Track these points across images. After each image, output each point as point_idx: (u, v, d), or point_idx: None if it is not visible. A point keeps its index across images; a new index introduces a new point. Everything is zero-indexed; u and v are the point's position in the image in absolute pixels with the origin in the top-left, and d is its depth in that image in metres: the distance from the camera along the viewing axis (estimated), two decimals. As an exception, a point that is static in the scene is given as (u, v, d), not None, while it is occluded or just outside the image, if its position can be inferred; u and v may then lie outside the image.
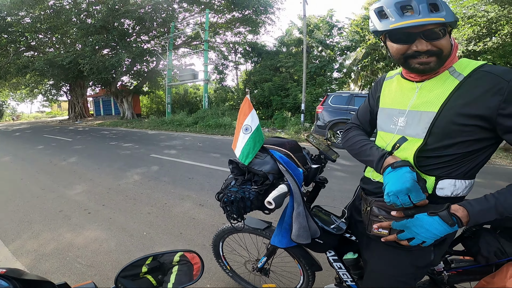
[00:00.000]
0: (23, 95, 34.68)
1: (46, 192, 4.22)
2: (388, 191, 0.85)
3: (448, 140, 0.84)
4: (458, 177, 0.86)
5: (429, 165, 0.88)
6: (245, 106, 1.26)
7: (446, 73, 0.86)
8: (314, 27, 18.44)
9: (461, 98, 0.81)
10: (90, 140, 10.54)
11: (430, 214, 0.80)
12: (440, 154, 0.86)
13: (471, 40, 10.14)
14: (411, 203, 0.83)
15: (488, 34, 10.03)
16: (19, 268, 2.25)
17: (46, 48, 21.29)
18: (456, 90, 0.82)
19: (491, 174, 4.98)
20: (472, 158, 0.85)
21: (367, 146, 1.04)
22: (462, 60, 0.87)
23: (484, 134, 0.81)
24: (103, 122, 20.49)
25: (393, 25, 0.79)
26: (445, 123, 0.83)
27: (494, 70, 0.79)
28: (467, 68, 0.83)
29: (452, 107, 0.82)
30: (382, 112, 1.04)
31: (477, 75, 0.80)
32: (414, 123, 0.89)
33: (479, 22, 9.76)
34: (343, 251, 1.29)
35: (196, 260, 0.90)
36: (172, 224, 3.02)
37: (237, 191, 1.13)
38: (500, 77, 0.76)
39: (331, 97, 8.43)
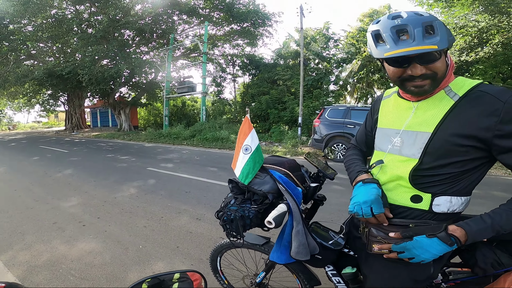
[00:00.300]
0: (21, 105, 34.57)
1: (40, 203, 4.16)
2: (354, 201, 0.94)
3: (443, 160, 0.85)
4: (454, 194, 0.87)
5: (425, 183, 0.89)
6: (245, 126, 1.27)
7: (442, 93, 0.87)
8: (311, 39, 18.81)
9: (456, 119, 0.83)
10: (87, 152, 10.49)
11: (429, 236, 0.81)
12: (435, 173, 0.87)
13: (463, 50, 10.28)
14: (371, 214, 0.90)
15: (480, 44, 10.19)
16: (12, 280, 2.21)
17: (46, 57, 21.44)
18: (451, 110, 0.84)
19: (487, 185, 5.01)
20: (467, 176, 0.86)
21: (352, 163, 1.15)
22: (457, 79, 0.89)
23: (479, 154, 0.83)
24: (100, 133, 20.45)
25: (388, 53, 0.80)
26: (440, 144, 0.84)
27: (490, 90, 0.80)
28: (463, 88, 0.84)
29: (448, 128, 0.83)
30: (380, 132, 1.06)
31: (473, 96, 0.82)
32: (409, 143, 0.91)
33: (470, 32, 9.92)
34: (342, 266, 1.29)
35: (196, 277, 0.89)
36: (168, 238, 2.98)
37: (236, 210, 1.14)
38: (495, 97, 0.78)
39: (328, 111, 8.51)
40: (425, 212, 0.90)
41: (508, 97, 0.76)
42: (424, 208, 0.90)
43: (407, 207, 0.93)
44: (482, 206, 3.79)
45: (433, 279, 1.13)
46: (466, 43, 10.15)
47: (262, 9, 19.42)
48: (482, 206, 3.81)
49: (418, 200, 0.91)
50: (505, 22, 9.21)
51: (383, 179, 0.99)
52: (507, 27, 9.28)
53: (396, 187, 0.95)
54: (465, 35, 10.06)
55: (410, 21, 0.78)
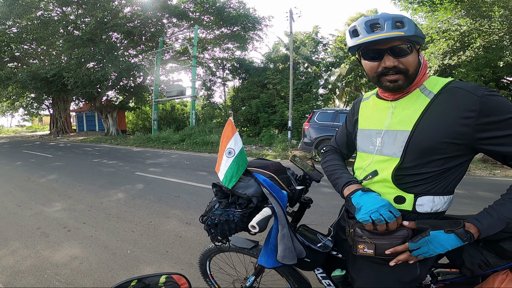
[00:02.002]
0: (4, 108, 33.51)
1: (23, 209, 4.03)
2: (367, 209, 0.87)
3: (424, 158, 0.87)
4: (436, 194, 0.89)
5: (408, 183, 0.90)
6: (228, 129, 1.26)
7: (417, 91, 0.91)
8: (300, 43, 19.02)
9: (434, 115, 0.85)
10: (72, 156, 10.24)
11: (447, 232, 0.82)
12: (417, 172, 0.88)
13: (446, 54, 10.45)
14: (394, 217, 0.86)
15: (462, 48, 10.39)
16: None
17: (31, 60, 20.89)
18: (428, 108, 0.86)
19: (472, 185, 5.15)
20: (449, 174, 0.88)
21: (335, 169, 1.14)
22: (431, 78, 0.92)
23: (460, 151, 0.85)
24: (86, 138, 20.01)
25: (360, 40, 0.86)
26: (419, 141, 0.86)
27: (465, 86, 0.83)
28: (437, 86, 0.88)
29: (426, 125, 0.86)
30: (361, 133, 1.08)
31: (448, 92, 0.85)
32: (390, 142, 0.93)
33: (453, 35, 10.12)
34: (331, 268, 1.29)
35: (182, 281, 0.88)
36: (157, 243, 2.93)
37: (221, 214, 1.13)
38: (471, 92, 0.81)
39: (317, 114, 8.61)
40: (408, 212, 0.91)
41: (483, 92, 0.80)
42: (407, 209, 0.91)
43: None
44: (468, 206, 3.91)
45: (421, 280, 1.13)
46: (449, 47, 10.34)
47: (253, 13, 19.54)
48: (467, 206, 3.92)
49: (401, 201, 0.92)
50: (486, 25, 9.46)
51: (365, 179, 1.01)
52: (488, 30, 9.53)
53: (380, 188, 0.96)
54: (448, 39, 10.26)
55: (382, 16, 0.85)
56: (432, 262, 1.03)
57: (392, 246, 0.88)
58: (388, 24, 0.83)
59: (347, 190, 0.99)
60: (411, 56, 0.86)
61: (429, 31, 10.58)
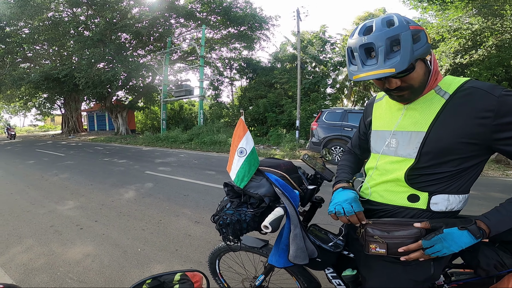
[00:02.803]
0: (17, 108, 34.32)
1: (37, 207, 4.13)
2: (335, 201, 1.00)
3: (440, 159, 0.86)
4: (451, 192, 0.87)
5: (422, 182, 0.89)
6: (240, 128, 1.26)
7: (432, 93, 0.89)
8: (308, 43, 18.92)
9: (449, 116, 0.84)
10: (83, 155, 10.43)
11: (461, 229, 0.81)
12: (432, 172, 0.87)
13: (457, 53, 10.29)
14: (352, 211, 0.94)
15: (474, 46, 10.21)
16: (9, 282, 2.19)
17: (43, 60, 21.31)
18: (444, 108, 0.85)
19: (485, 186, 5.05)
20: (465, 173, 0.87)
21: (340, 169, 1.23)
22: (446, 78, 0.90)
23: (476, 151, 0.83)
24: (97, 137, 20.34)
25: (355, 77, 0.86)
26: (435, 142, 0.85)
27: (481, 86, 0.81)
28: (452, 86, 0.86)
29: (442, 126, 0.85)
30: (374, 134, 1.07)
31: (464, 92, 0.83)
32: (404, 143, 0.92)
33: (464, 34, 9.95)
34: (342, 268, 1.29)
35: (197, 278, 0.89)
36: (167, 241, 2.97)
37: (232, 214, 1.13)
38: (488, 92, 0.79)
39: (325, 114, 8.55)
40: (422, 211, 0.91)
41: (501, 92, 0.78)
42: (421, 207, 0.90)
43: (404, 207, 0.93)
44: (480, 207, 3.84)
45: (435, 280, 1.12)
46: (461, 46, 10.18)
47: (259, 12, 19.54)
48: (480, 207, 3.85)
49: (415, 199, 0.91)
50: (499, 24, 9.28)
51: (379, 180, 1.00)
52: (501, 29, 9.35)
53: (392, 187, 0.96)
54: (459, 38, 10.09)
55: (375, 38, 0.79)
56: (446, 262, 1.02)
57: (404, 245, 0.87)
58: (381, 53, 0.78)
59: (335, 188, 1.09)
60: (415, 72, 0.83)
61: (439, 30, 10.39)
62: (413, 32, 0.79)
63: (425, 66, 0.85)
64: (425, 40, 0.81)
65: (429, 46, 0.82)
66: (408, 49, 0.77)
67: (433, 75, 0.87)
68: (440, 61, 10.56)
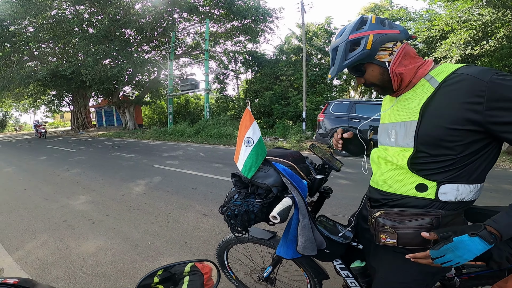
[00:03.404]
0: (26, 106, 34.90)
1: (50, 202, 4.23)
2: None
3: (437, 146, 0.85)
4: (461, 182, 0.86)
5: (427, 170, 0.89)
6: (246, 118, 1.25)
7: (423, 81, 0.89)
8: (313, 34, 18.64)
9: (439, 103, 0.83)
10: (93, 151, 10.59)
11: (471, 235, 0.76)
12: (435, 160, 0.87)
13: (468, 44, 10.17)
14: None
15: (485, 38, 10.08)
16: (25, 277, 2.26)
17: (49, 58, 21.52)
18: (433, 96, 0.85)
19: (496, 178, 4.97)
20: (472, 161, 0.84)
21: None
22: (441, 65, 0.89)
23: (477, 136, 0.81)
24: (106, 132, 20.60)
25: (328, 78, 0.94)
26: (429, 130, 0.85)
27: (471, 72, 0.79)
28: (443, 73, 0.85)
29: (432, 114, 0.84)
30: (380, 128, 1.10)
31: (454, 79, 0.82)
32: (402, 133, 0.93)
33: (474, 25, 9.81)
34: (350, 259, 1.29)
35: (206, 269, 0.91)
36: (176, 234, 3.02)
37: (240, 205, 1.12)
38: (477, 78, 0.77)
39: (332, 105, 8.48)
40: (431, 201, 0.89)
41: (490, 76, 0.75)
42: (430, 197, 0.89)
43: (413, 196, 0.92)
44: (492, 199, 3.78)
45: (446, 272, 1.11)
46: (471, 37, 10.02)
47: (263, 5, 19.24)
48: (492, 199, 3.79)
49: (423, 189, 0.90)
50: (510, 15, 9.12)
51: (385, 169, 1.01)
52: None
53: (399, 176, 0.95)
54: (470, 29, 9.93)
55: (338, 43, 0.93)
56: None
57: (415, 235, 0.87)
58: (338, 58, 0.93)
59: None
60: (367, 73, 0.94)
61: (448, 21, 10.30)
62: (352, 41, 0.89)
63: (378, 67, 0.91)
64: (364, 46, 0.87)
65: (368, 52, 0.88)
66: (338, 59, 0.92)
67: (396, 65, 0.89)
68: (450, 52, 10.46)
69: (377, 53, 0.88)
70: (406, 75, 0.90)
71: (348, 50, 0.90)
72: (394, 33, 0.88)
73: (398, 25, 0.91)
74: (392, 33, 0.88)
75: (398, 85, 0.92)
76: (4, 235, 3.12)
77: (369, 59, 0.89)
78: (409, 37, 0.91)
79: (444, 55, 10.68)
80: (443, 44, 10.80)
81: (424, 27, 12.25)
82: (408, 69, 0.90)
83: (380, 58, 0.89)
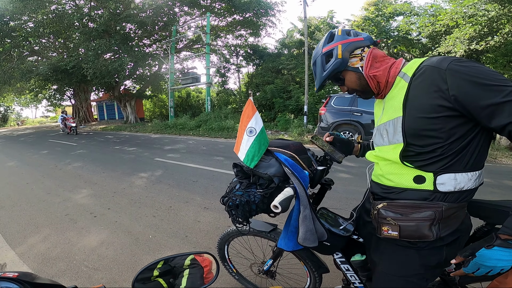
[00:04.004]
0: (28, 100, 34.93)
1: (52, 196, 4.25)
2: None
3: (423, 136, 0.87)
4: (457, 171, 0.86)
5: (420, 161, 0.89)
6: (249, 108, 1.24)
7: (398, 79, 0.94)
8: (315, 28, 18.48)
9: (413, 96, 0.87)
10: (95, 144, 10.61)
11: (487, 247, 0.81)
12: (425, 150, 0.87)
13: (473, 39, 10.12)
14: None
15: (490, 33, 10.03)
16: (27, 271, 2.28)
17: (50, 53, 21.44)
18: (408, 90, 0.89)
19: (498, 174, 4.95)
20: (462, 148, 0.84)
21: None
22: (411, 62, 0.94)
23: (457, 121, 0.82)
24: (107, 126, 20.62)
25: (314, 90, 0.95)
26: (412, 122, 0.87)
27: (431, 62, 0.84)
28: (412, 69, 0.90)
29: (411, 106, 0.88)
30: (374, 130, 1.11)
31: (420, 72, 0.87)
32: (391, 131, 0.95)
33: (480, 21, 9.77)
34: (351, 253, 1.29)
35: (206, 263, 0.91)
36: (177, 227, 3.03)
37: (242, 195, 1.11)
38: (436, 67, 0.82)
39: (334, 99, 8.43)
40: (431, 192, 0.89)
41: (448, 64, 0.80)
42: (428, 188, 0.90)
43: (413, 189, 0.93)
44: (494, 195, 3.78)
45: (446, 266, 1.12)
46: (476, 32, 9.97)
47: (264, -1, 19.03)
48: (493, 195, 3.78)
49: (421, 180, 0.91)
50: (516, 11, 9.04)
51: (382, 163, 1.03)
52: (517, 16, 9.11)
53: (396, 170, 0.96)
54: (475, 24, 9.90)
55: (315, 57, 1.06)
56: (460, 248, 1.01)
57: (418, 228, 0.89)
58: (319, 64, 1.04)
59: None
60: (346, 80, 1.03)
61: (454, 16, 10.30)
62: (325, 54, 1.01)
63: (354, 73, 1.00)
64: (336, 56, 0.98)
65: (340, 60, 0.98)
66: (318, 72, 1.05)
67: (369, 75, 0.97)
68: (454, 47, 10.44)
69: (349, 60, 0.98)
70: (380, 76, 0.97)
71: (324, 62, 1.02)
72: (359, 40, 0.98)
73: (362, 33, 1.01)
74: (357, 41, 0.98)
75: (376, 86, 0.99)
76: (7, 229, 3.13)
77: (344, 67, 0.99)
78: (373, 42, 1.00)
79: (448, 50, 10.60)
80: (447, 39, 10.72)
81: (428, 22, 12.15)
82: (381, 71, 0.97)
83: (353, 64, 0.99)
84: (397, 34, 15.45)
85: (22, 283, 0.53)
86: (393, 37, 15.62)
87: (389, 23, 16.23)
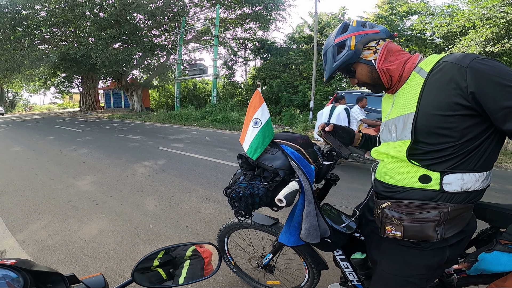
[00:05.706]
0: (36, 87, 35.27)
1: (56, 182, 4.29)
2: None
3: (434, 134, 0.84)
4: (465, 171, 0.83)
5: (428, 160, 0.87)
6: (256, 99, 1.20)
7: (413, 74, 0.91)
8: (325, 24, 18.23)
9: (430, 92, 0.84)
10: (100, 131, 10.69)
11: (487, 251, 0.87)
12: (435, 149, 0.84)
13: (489, 41, 9.92)
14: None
15: (507, 36, 9.82)
16: (27, 258, 2.28)
17: (60, 42, 21.56)
18: (424, 86, 0.85)
19: (503, 178, 4.86)
20: (474, 148, 0.82)
21: None
22: (428, 57, 0.90)
23: (472, 121, 0.80)
24: (113, 114, 20.78)
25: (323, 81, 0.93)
26: (425, 119, 0.84)
27: (451, 59, 0.81)
28: (430, 64, 0.86)
29: (427, 103, 0.84)
30: (382, 126, 1.08)
31: (438, 67, 0.83)
32: (401, 127, 0.92)
33: (498, 23, 9.57)
34: (351, 251, 1.27)
35: (207, 254, 0.90)
36: (178, 218, 3.03)
37: (245, 187, 1.09)
38: (457, 64, 0.78)
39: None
40: (437, 192, 0.87)
41: (469, 61, 0.76)
42: (434, 188, 0.87)
43: (418, 188, 0.90)
44: (497, 200, 3.70)
45: (447, 267, 1.10)
46: (493, 34, 9.76)
47: (275, -8, 18.81)
48: (497, 200, 3.71)
49: (427, 180, 0.88)
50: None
51: (387, 161, 1.00)
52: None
53: (401, 168, 0.94)
54: (493, 26, 9.69)
55: (327, 48, 1.02)
56: (461, 250, 0.99)
57: (422, 229, 0.87)
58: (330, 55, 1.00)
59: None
60: (357, 73, 0.99)
61: (471, 17, 10.09)
62: (337, 44, 0.97)
63: (366, 66, 0.96)
64: (348, 47, 0.94)
65: (352, 52, 0.94)
66: (329, 62, 1.01)
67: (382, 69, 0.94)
68: (469, 48, 10.22)
69: (361, 52, 0.95)
70: (394, 70, 0.93)
71: (336, 52, 0.98)
72: (375, 33, 0.94)
73: (378, 26, 0.96)
74: (372, 33, 0.94)
75: (388, 81, 0.96)
76: (9, 215, 3.13)
77: (356, 59, 0.95)
78: (390, 35, 0.96)
79: (463, 51, 10.42)
80: (462, 40, 10.52)
81: (444, 22, 11.93)
82: (395, 65, 0.93)
83: (365, 57, 0.95)
84: (410, 33, 15.16)
85: (19, 270, 0.52)
86: (406, 36, 15.33)
87: (402, 22, 15.94)
